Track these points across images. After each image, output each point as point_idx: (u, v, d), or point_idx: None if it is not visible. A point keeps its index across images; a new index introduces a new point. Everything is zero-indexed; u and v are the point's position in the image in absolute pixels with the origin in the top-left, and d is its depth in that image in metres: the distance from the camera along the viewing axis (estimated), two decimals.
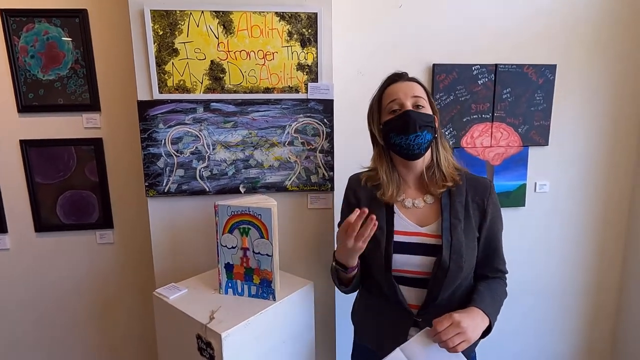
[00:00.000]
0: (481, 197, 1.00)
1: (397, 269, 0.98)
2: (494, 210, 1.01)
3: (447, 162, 1.03)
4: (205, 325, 1.00)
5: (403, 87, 0.99)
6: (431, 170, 1.02)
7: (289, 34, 1.31)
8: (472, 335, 0.86)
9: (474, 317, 0.89)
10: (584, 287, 1.91)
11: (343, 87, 1.55)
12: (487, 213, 1.00)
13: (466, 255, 0.96)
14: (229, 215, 1.12)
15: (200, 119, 1.33)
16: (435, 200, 1.02)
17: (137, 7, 1.25)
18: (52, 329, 1.70)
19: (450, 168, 1.03)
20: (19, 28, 1.47)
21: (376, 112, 1.05)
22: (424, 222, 1.00)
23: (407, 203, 1.02)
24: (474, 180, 1.03)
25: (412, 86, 0.99)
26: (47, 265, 1.65)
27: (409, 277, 0.99)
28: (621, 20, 1.69)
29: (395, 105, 0.99)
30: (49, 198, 1.59)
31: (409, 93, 0.98)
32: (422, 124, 0.96)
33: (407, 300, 1.00)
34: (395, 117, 0.98)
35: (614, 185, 1.83)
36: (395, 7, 1.58)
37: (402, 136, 0.97)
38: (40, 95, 1.52)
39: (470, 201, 1.00)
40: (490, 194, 1.01)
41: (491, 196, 1.01)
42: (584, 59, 1.70)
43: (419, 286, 0.99)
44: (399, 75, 1.03)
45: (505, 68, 1.65)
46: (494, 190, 1.02)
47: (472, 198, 1.00)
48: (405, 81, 1.01)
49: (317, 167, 1.40)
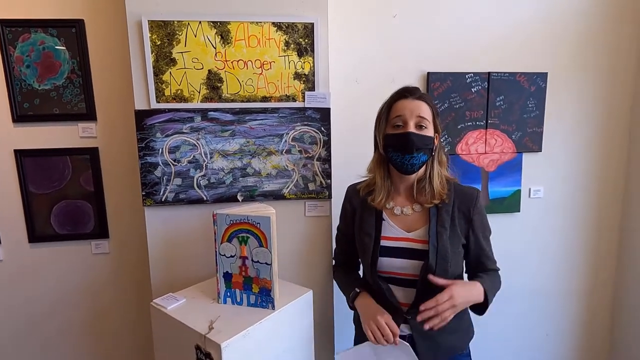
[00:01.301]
0: (467, 207, 1.07)
1: (384, 271, 1.08)
2: (480, 218, 1.08)
3: (440, 179, 1.08)
4: (205, 336, 0.99)
5: (410, 105, 1.03)
6: (422, 183, 1.08)
7: (286, 43, 1.32)
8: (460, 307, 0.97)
9: (470, 290, 1.00)
10: (579, 291, 1.93)
11: (340, 95, 1.56)
12: (473, 221, 1.07)
13: (452, 260, 1.03)
14: (227, 224, 1.12)
15: (197, 127, 1.33)
16: (423, 209, 1.09)
17: (134, 17, 1.25)
18: (45, 340, 1.67)
19: (441, 184, 1.08)
20: (14, 38, 1.47)
21: (383, 121, 1.09)
22: (411, 228, 1.07)
23: (396, 210, 1.09)
24: (461, 191, 1.09)
25: (419, 106, 1.03)
26: (40, 276, 1.63)
27: (397, 277, 1.07)
28: (609, 30, 1.73)
29: (400, 122, 1.04)
30: (43, 208, 1.58)
31: (415, 112, 1.02)
32: (420, 146, 1.03)
33: (398, 299, 1.08)
34: (396, 134, 1.04)
35: (607, 189, 1.86)
36: (390, 17, 1.61)
37: (398, 154, 1.04)
38: (35, 104, 1.51)
39: (456, 210, 1.06)
40: (476, 203, 1.07)
41: (476, 205, 1.07)
42: (573, 66, 1.74)
43: (408, 286, 1.07)
44: (410, 91, 1.06)
45: (498, 76, 1.68)
46: (479, 199, 1.08)
47: (459, 207, 1.07)
48: (414, 99, 1.04)
49: (315, 175, 1.41)
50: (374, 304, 1.09)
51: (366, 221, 1.11)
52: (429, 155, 1.06)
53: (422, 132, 1.03)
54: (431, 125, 1.05)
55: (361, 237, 1.12)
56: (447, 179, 1.10)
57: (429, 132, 1.04)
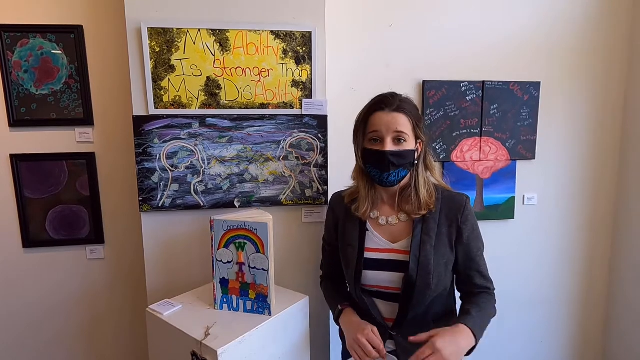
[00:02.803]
0: (455, 214, 1.00)
1: (368, 285, 1.02)
2: (470, 227, 1.01)
3: (427, 186, 1.02)
4: (201, 342, 0.99)
5: (387, 119, 0.96)
6: (407, 191, 1.02)
7: (284, 51, 1.34)
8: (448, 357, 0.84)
9: (456, 339, 0.87)
10: (573, 297, 1.95)
11: (336, 102, 1.58)
12: (462, 230, 0.99)
13: (436, 273, 0.96)
14: (224, 230, 1.12)
15: (195, 134, 1.34)
16: (409, 219, 1.02)
17: (134, 24, 1.27)
18: (40, 346, 1.65)
19: (428, 192, 1.01)
20: (13, 43, 1.47)
21: (360, 134, 1.04)
22: (396, 238, 1.02)
23: (381, 220, 1.04)
24: (449, 198, 1.02)
25: (395, 119, 0.95)
26: (34, 281, 1.61)
27: (382, 292, 1.02)
28: (600, 40, 1.77)
29: (376, 137, 0.98)
30: (38, 213, 1.57)
31: (392, 127, 0.95)
32: (398, 164, 0.97)
33: (383, 314, 1.03)
34: (373, 151, 0.99)
35: (600, 196, 1.89)
36: (386, 26, 1.63)
37: (377, 170, 1.00)
38: (32, 109, 1.51)
39: (444, 218, 1.00)
40: (465, 211, 1.00)
41: (465, 213, 1.00)
42: (565, 76, 1.78)
43: (394, 300, 1.01)
44: (386, 102, 0.98)
45: (492, 85, 1.71)
46: (469, 207, 1.01)
47: (447, 215, 1.00)
48: (391, 111, 0.96)
49: (312, 182, 1.42)
50: (357, 320, 1.03)
51: (349, 232, 1.06)
52: (409, 168, 1.01)
53: (401, 146, 0.97)
54: (411, 136, 0.98)
55: (344, 249, 1.07)
56: (435, 186, 1.04)
57: (409, 145, 0.98)
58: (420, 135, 1.01)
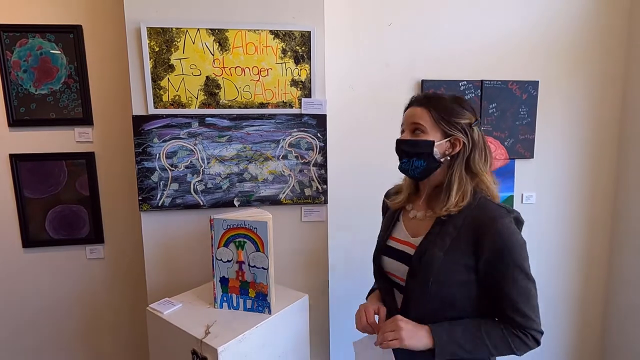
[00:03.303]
0: (478, 227, 0.89)
1: (387, 271, 1.05)
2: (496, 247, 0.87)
3: (463, 188, 0.94)
4: (201, 340, 0.99)
5: (409, 113, 1.00)
6: (439, 189, 0.98)
7: (283, 51, 1.35)
8: (405, 337, 0.89)
9: (417, 328, 0.91)
10: (571, 295, 1.96)
11: (335, 101, 1.59)
12: (483, 246, 0.88)
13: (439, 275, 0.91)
14: (224, 228, 1.12)
15: (195, 133, 1.34)
16: (434, 217, 0.99)
17: (133, 24, 1.27)
18: (39, 345, 1.65)
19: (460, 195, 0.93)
20: (12, 43, 1.47)
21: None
22: (416, 233, 1.02)
23: (411, 214, 1.04)
24: (482, 208, 0.92)
25: (414, 113, 0.98)
26: (34, 281, 1.62)
27: (397, 282, 1.03)
28: (598, 40, 1.78)
29: (402, 129, 1.02)
30: (38, 213, 1.57)
31: (409, 120, 0.99)
32: (410, 152, 0.97)
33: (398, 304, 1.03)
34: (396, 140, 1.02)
35: (598, 195, 1.90)
36: (385, 25, 1.64)
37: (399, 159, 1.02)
38: (32, 109, 1.51)
39: (466, 226, 0.91)
40: (492, 228, 0.87)
41: (492, 231, 0.87)
42: (564, 75, 1.78)
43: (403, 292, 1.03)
44: (415, 99, 1.02)
45: (491, 84, 1.72)
46: (502, 227, 0.87)
47: (470, 224, 0.91)
48: (415, 107, 0.99)
49: (311, 181, 1.43)
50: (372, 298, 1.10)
51: (386, 219, 1.11)
52: (428, 160, 0.96)
53: (416, 137, 0.97)
54: (432, 129, 0.95)
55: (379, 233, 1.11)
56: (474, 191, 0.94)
57: (427, 137, 0.95)
58: (450, 132, 0.95)
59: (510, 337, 0.90)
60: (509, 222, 0.88)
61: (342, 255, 1.73)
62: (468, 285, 0.92)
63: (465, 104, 0.97)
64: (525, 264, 0.90)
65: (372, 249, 1.11)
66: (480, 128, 0.98)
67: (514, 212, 0.92)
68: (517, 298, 0.89)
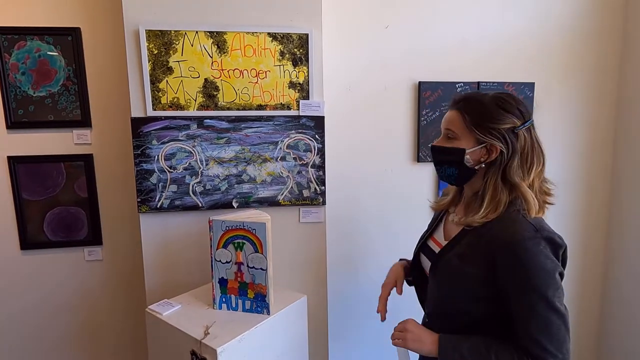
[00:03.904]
0: (495, 244, 0.83)
1: (424, 268, 1.05)
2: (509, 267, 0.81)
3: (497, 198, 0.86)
4: (200, 341, 1.00)
5: (445, 117, 0.95)
6: (476, 196, 0.92)
7: (281, 53, 1.36)
8: (409, 339, 0.92)
9: (425, 334, 0.92)
10: (568, 295, 1.94)
11: (333, 103, 1.60)
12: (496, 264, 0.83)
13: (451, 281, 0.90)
14: (223, 230, 1.13)
15: (193, 135, 1.35)
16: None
17: (132, 27, 1.27)
18: (38, 347, 1.65)
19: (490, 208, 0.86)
20: (10, 45, 1.47)
21: None
22: (449, 236, 0.99)
23: (451, 217, 1.01)
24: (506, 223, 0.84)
25: (448, 116, 0.93)
26: (32, 283, 1.62)
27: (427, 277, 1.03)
28: (593, 42, 1.80)
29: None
30: (36, 214, 1.57)
31: (444, 124, 0.94)
32: (440, 159, 0.95)
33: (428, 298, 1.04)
34: None
35: (593, 195, 1.92)
36: (382, 28, 1.65)
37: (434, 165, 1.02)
38: (30, 111, 1.52)
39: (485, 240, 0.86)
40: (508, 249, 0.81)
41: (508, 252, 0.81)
42: (559, 77, 1.80)
43: None
44: (452, 100, 0.95)
45: (487, 86, 1.73)
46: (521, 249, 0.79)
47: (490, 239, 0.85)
48: (451, 110, 0.94)
49: (309, 182, 1.43)
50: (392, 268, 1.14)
51: (432, 219, 1.10)
52: (460, 167, 0.91)
53: (449, 143, 0.91)
54: (465, 135, 0.89)
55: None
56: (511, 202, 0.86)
57: (459, 144, 0.89)
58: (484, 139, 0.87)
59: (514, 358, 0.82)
60: (534, 243, 0.79)
61: (341, 256, 1.74)
62: (486, 301, 0.86)
63: (508, 106, 0.87)
64: (549, 291, 0.79)
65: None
66: (532, 130, 0.88)
67: (547, 232, 0.82)
68: (531, 325, 0.80)
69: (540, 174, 0.89)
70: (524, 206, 0.84)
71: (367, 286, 1.75)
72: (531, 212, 0.84)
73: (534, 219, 0.84)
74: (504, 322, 0.85)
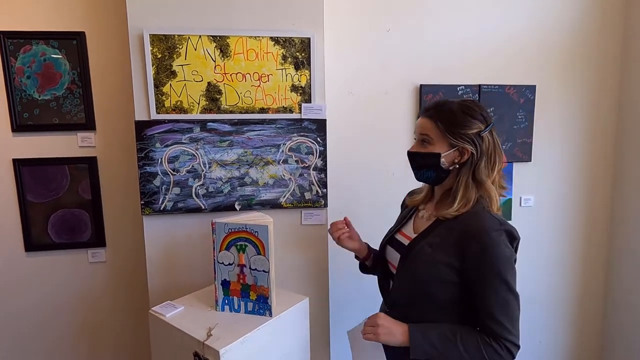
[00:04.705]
0: (465, 235, 0.93)
1: (388, 260, 1.12)
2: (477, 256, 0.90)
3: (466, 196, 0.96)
4: (203, 343, 1.00)
5: (418, 123, 1.03)
6: (448, 193, 1.01)
7: (283, 57, 1.37)
8: (381, 334, 0.96)
9: (395, 326, 0.97)
10: (570, 297, 1.97)
11: (335, 106, 1.61)
12: (465, 253, 0.92)
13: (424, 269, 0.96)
14: (226, 232, 1.14)
15: (196, 138, 1.36)
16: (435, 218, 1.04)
17: (136, 31, 1.29)
18: (41, 349, 1.66)
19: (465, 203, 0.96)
20: (16, 49, 1.49)
21: None
22: (418, 230, 1.07)
23: (421, 214, 1.10)
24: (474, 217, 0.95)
25: (422, 123, 1.01)
26: (36, 284, 1.63)
27: (393, 271, 1.09)
28: (594, 44, 1.81)
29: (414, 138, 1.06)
30: (40, 217, 1.58)
31: (418, 130, 1.03)
32: (418, 164, 1.03)
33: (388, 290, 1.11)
34: None
35: (595, 197, 1.92)
36: (383, 31, 1.66)
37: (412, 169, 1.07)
38: (35, 114, 1.53)
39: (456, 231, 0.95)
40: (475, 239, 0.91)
41: (475, 242, 0.90)
42: (560, 79, 1.81)
43: None
44: (423, 109, 1.04)
45: (489, 88, 1.74)
46: (487, 239, 0.90)
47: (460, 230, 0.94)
48: (423, 117, 1.02)
49: (311, 185, 1.44)
50: None
51: (401, 215, 1.18)
52: (437, 170, 0.99)
53: (424, 148, 1.00)
54: (439, 140, 0.97)
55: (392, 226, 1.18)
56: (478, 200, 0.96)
57: (434, 149, 0.98)
58: (455, 142, 0.96)
59: (483, 345, 0.91)
60: (498, 234, 0.90)
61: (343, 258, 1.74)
62: (452, 286, 0.95)
63: (474, 112, 0.97)
64: (508, 276, 0.90)
65: None
66: (493, 133, 0.98)
67: (508, 225, 0.93)
68: (494, 306, 0.91)
69: (500, 171, 1.01)
70: (489, 203, 0.97)
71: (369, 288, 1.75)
72: (494, 208, 0.97)
73: (496, 214, 0.97)
74: (464, 307, 0.96)
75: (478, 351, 0.91)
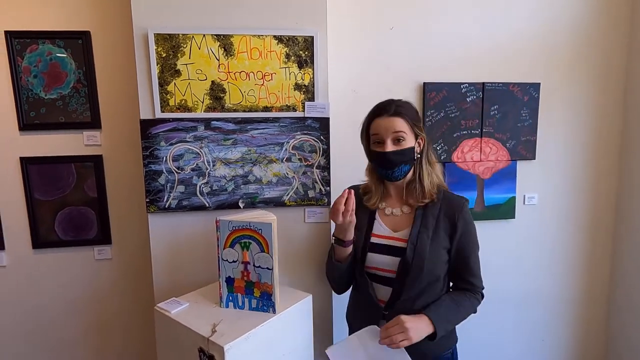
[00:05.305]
0: (453, 213, 1.11)
1: (370, 266, 1.15)
2: (465, 226, 1.11)
3: (430, 178, 1.13)
4: (208, 339, 1.02)
5: (385, 123, 1.09)
6: (412, 185, 1.15)
7: (286, 55, 1.37)
8: (413, 336, 1.00)
9: (419, 322, 1.03)
10: (574, 296, 1.96)
11: (338, 104, 1.61)
12: (457, 227, 1.11)
13: (429, 259, 1.08)
14: (230, 230, 1.15)
15: (201, 136, 1.37)
16: (411, 211, 1.15)
17: (141, 31, 1.30)
18: (48, 345, 1.69)
19: (431, 184, 1.13)
20: (22, 49, 1.51)
21: (364, 138, 1.19)
22: (397, 228, 1.15)
23: (387, 211, 1.17)
24: (449, 198, 1.14)
25: (393, 122, 1.09)
26: (43, 281, 1.65)
27: (380, 275, 1.14)
28: (599, 41, 1.79)
29: (378, 139, 1.11)
30: (47, 214, 1.61)
31: (390, 129, 1.08)
32: (399, 161, 1.09)
33: (377, 296, 1.15)
34: (377, 152, 1.12)
35: (599, 196, 1.91)
36: (387, 29, 1.66)
37: (382, 169, 1.13)
38: (41, 113, 1.55)
39: (442, 215, 1.12)
40: (462, 211, 1.11)
41: (462, 214, 1.11)
42: (565, 77, 1.80)
43: (388, 284, 1.14)
44: (384, 109, 1.12)
45: (493, 86, 1.73)
46: (467, 209, 1.13)
47: (445, 212, 1.12)
48: (388, 116, 1.09)
49: (314, 183, 1.45)
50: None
51: (360, 218, 1.18)
52: (411, 163, 1.13)
53: (400, 145, 1.09)
54: (410, 134, 1.10)
55: (355, 233, 1.18)
56: (438, 185, 1.15)
57: (408, 143, 1.10)
58: (419, 133, 1.12)
59: (471, 300, 1.13)
60: (467, 206, 1.13)
61: None
62: (447, 262, 1.13)
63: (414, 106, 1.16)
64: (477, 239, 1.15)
65: None
66: None
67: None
68: (475, 266, 1.13)
69: None
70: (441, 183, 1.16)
71: None
72: (446, 188, 1.18)
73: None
74: (447, 274, 1.15)
75: (471, 306, 1.12)
